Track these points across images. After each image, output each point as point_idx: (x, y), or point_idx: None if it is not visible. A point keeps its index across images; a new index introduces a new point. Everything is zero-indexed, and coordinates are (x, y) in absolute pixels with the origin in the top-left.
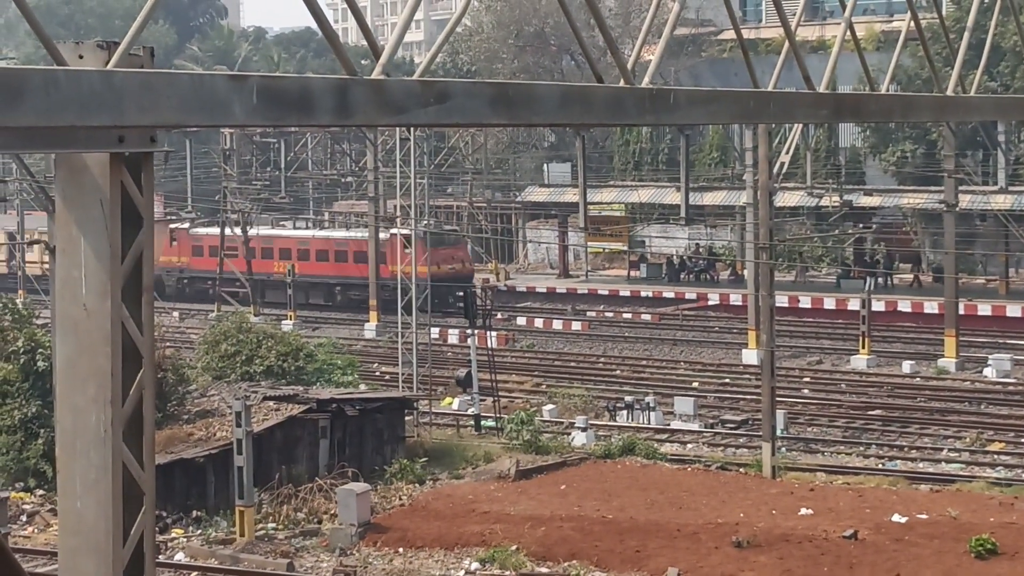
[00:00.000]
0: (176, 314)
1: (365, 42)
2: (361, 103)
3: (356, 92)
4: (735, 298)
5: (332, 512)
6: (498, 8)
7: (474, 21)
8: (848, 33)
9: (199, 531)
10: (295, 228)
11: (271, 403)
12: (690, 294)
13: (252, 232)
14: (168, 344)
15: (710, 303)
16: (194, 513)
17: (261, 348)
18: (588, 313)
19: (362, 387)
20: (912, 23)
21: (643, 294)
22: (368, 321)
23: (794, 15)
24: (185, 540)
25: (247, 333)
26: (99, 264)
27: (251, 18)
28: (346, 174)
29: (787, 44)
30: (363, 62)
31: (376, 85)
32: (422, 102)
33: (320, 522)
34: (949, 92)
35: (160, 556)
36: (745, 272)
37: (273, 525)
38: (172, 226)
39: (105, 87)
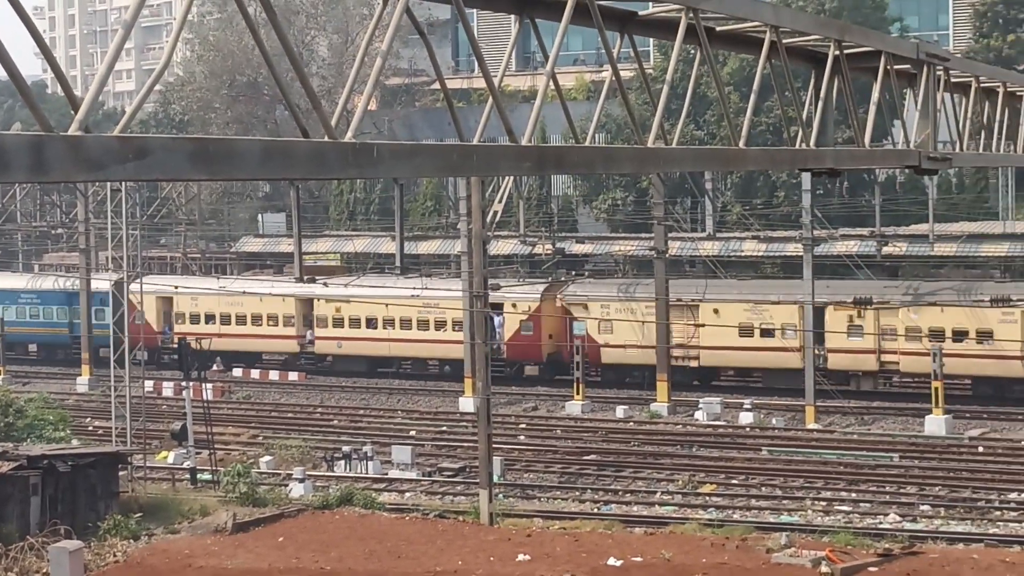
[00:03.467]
0: None
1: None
2: (58, 159)
3: (52, 148)
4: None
5: (44, 571)
6: (211, 58)
7: (186, 71)
8: (552, 84)
9: None
10: None
11: None
12: None
13: None
14: None
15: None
16: None
17: None
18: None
19: (74, 442)
20: (614, 75)
21: None
22: (81, 375)
23: (502, 66)
24: None
25: None
26: None
27: None
28: (56, 226)
29: (491, 96)
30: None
31: (73, 141)
32: (120, 158)
33: None
34: (650, 143)
35: None
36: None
37: None
38: None
39: None
